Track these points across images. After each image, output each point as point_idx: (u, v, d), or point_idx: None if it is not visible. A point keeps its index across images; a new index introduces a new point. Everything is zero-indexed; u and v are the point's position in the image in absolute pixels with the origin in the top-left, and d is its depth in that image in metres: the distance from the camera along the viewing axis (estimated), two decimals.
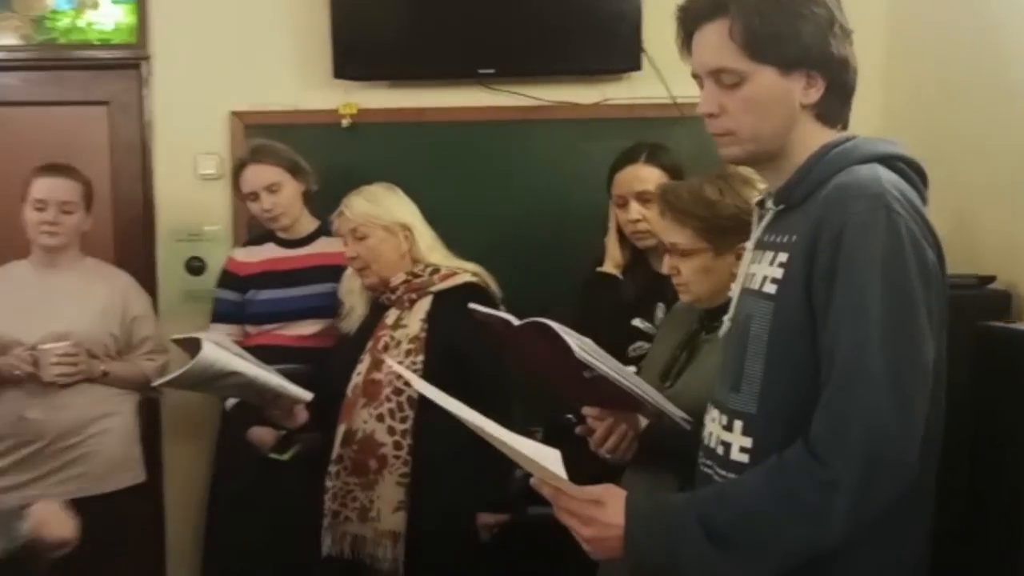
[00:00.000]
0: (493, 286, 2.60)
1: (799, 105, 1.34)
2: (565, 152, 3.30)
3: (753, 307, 1.35)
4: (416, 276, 2.56)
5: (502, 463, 2.45)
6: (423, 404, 2.39)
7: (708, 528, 1.23)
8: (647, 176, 2.40)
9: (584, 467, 2.09)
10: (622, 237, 2.49)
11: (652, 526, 1.27)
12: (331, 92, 3.26)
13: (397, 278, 2.55)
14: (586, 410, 1.79)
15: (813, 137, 1.35)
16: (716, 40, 1.32)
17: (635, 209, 2.40)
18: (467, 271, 2.59)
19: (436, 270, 2.57)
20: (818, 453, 1.20)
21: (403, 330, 2.49)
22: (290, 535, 2.64)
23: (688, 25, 1.37)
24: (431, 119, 3.29)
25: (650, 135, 2.67)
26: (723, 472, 1.38)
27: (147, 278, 3.32)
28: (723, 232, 1.76)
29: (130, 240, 3.39)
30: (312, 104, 3.28)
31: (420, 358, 2.44)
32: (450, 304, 2.46)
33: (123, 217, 3.39)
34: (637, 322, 2.39)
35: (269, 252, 3.00)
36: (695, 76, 1.39)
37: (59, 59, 3.38)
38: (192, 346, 2.21)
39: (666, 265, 1.91)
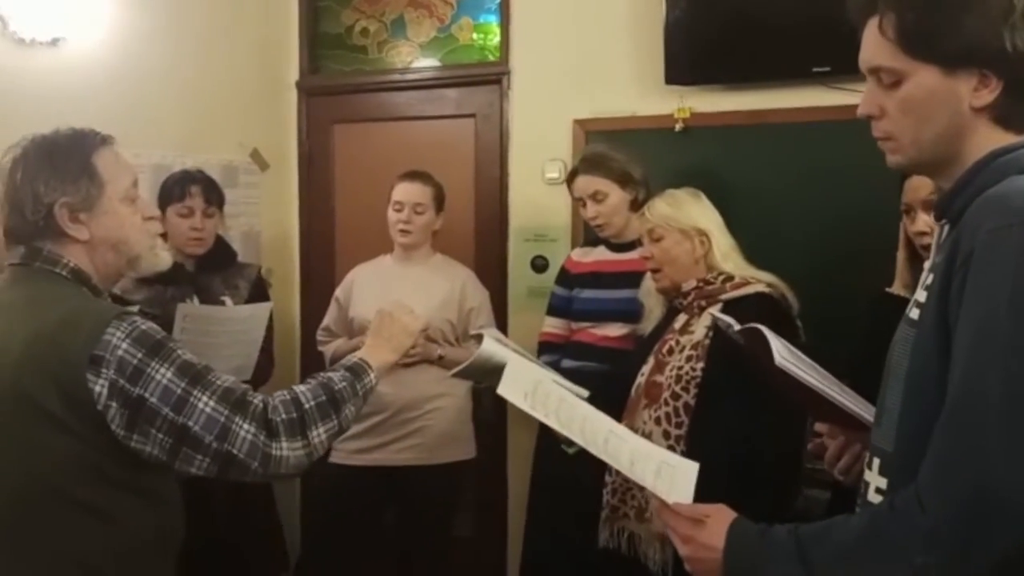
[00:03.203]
0: (790, 298, 2.42)
1: (969, 108, 1.13)
2: None
3: (900, 333, 1.19)
4: (708, 283, 2.47)
5: (781, 480, 2.35)
6: (698, 411, 2.32)
7: (806, 561, 1.15)
8: None
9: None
10: (914, 252, 2.17)
11: (752, 552, 1.21)
12: (668, 97, 3.26)
13: (689, 283, 2.49)
14: (818, 426, 1.63)
15: (990, 143, 1.14)
16: (873, 37, 1.19)
17: (922, 220, 2.07)
18: (761, 281, 2.44)
19: (729, 278, 2.46)
20: (921, 497, 1.06)
21: (689, 336, 2.43)
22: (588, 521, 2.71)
23: (856, 22, 1.23)
24: (765, 121, 3.14)
25: None
26: None
27: (499, 274, 3.60)
28: None
29: (488, 238, 3.68)
30: (649, 110, 3.30)
31: (700, 365, 2.35)
32: (739, 314, 2.33)
33: (483, 217, 3.70)
34: None
35: (599, 254, 3.07)
36: None
37: (438, 79, 3.79)
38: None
39: None
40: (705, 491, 2.42)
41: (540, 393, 1.51)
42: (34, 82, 2.98)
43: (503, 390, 1.50)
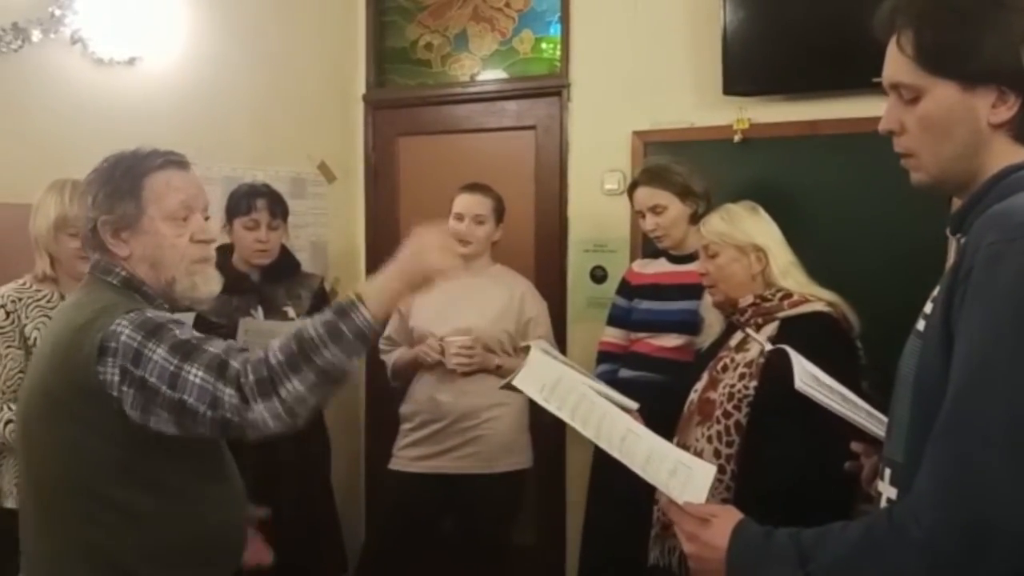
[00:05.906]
0: (851, 317, 2.30)
1: (987, 124, 1.10)
2: None
3: (909, 345, 1.18)
4: (765, 300, 2.36)
5: (836, 500, 2.25)
6: (750, 431, 2.23)
7: (805, 565, 1.12)
8: None
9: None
10: None
11: (754, 554, 1.18)
12: (726, 108, 3.16)
13: (745, 300, 2.38)
14: (854, 445, 1.57)
15: (1008, 159, 1.12)
16: (892, 53, 1.18)
17: None
18: (821, 299, 2.33)
19: (787, 295, 2.34)
20: (917, 513, 1.03)
21: (743, 353, 2.32)
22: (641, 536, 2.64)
23: (880, 38, 1.20)
24: (824, 131, 3.03)
25: None
26: None
27: (559, 284, 3.55)
28: None
29: (547, 249, 3.63)
30: (707, 121, 3.21)
31: (753, 384, 2.25)
32: (796, 333, 2.24)
33: (542, 228, 3.65)
34: None
35: (660, 266, 3.00)
36: None
37: (500, 91, 3.75)
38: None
39: None
40: (760, 511, 2.35)
41: (561, 388, 1.47)
42: (112, 100, 3.04)
43: (519, 381, 1.44)
